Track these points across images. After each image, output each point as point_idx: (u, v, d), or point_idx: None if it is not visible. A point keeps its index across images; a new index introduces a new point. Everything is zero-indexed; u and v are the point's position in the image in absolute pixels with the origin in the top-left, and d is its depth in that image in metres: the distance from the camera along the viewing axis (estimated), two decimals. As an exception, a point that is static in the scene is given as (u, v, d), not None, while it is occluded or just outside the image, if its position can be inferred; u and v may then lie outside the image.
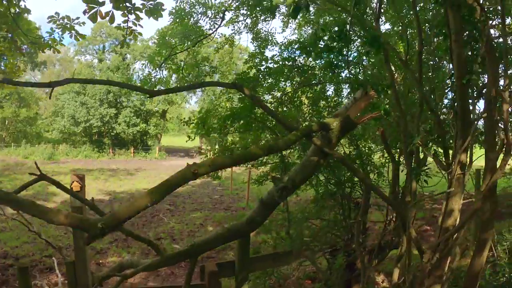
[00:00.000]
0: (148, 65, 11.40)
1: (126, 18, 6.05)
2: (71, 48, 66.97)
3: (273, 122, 6.74)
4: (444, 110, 6.25)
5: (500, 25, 4.97)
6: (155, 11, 5.79)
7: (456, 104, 4.94)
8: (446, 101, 6.37)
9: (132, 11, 5.91)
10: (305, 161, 3.47)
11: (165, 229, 15.09)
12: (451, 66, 5.86)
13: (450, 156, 5.07)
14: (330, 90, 8.81)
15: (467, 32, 4.71)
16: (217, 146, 9.25)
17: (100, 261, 11.65)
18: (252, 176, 8.80)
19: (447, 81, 6.31)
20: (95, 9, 5.61)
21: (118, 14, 5.91)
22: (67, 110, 47.79)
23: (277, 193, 3.44)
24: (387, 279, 8.34)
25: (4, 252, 12.42)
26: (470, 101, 5.06)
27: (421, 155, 6.16)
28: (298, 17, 13.78)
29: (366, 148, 8.28)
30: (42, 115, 60.26)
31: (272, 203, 3.50)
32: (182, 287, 3.47)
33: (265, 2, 9.99)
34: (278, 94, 8.19)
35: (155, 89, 3.84)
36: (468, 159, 4.80)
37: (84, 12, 5.76)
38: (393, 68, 7.98)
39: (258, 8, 10.54)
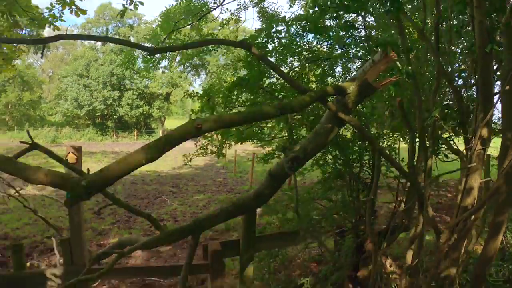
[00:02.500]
0: (152, 42, 11.11)
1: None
2: (74, 31, 66.62)
3: (282, 93, 6.42)
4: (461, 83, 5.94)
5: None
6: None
7: (476, 75, 4.65)
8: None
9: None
10: (319, 128, 3.17)
11: (168, 210, 14.88)
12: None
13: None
14: (339, 68, 8.54)
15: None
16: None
17: (101, 242, 11.45)
18: (259, 155, 8.52)
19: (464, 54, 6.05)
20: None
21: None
22: (70, 93, 47.63)
23: (287, 163, 3.15)
24: (394, 264, 8.08)
25: (4, 234, 12.24)
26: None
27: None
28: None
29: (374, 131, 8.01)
30: (46, 99, 60.17)
31: (281, 175, 3.21)
32: (184, 266, 3.19)
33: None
34: (285, 71, 7.90)
35: (156, 47, 3.57)
36: (488, 134, 4.51)
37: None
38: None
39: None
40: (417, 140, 5.08)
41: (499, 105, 4.61)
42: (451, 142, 5.06)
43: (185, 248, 10.85)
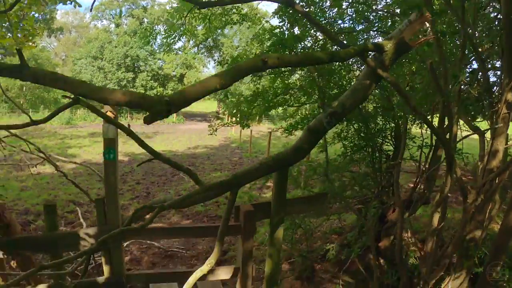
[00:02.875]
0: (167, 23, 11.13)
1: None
2: (87, 14, 66.68)
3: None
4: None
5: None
6: None
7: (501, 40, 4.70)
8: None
9: None
10: (357, 84, 3.26)
11: (186, 187, 15.06)
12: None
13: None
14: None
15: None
16: (234, 110, 9.08)
17: (122, 217, 11.62)
18: (279, 130, 8.60)
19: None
20: None
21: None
22: (84, 75, 47.70)
23: (325, 118, 3.24)
24: (414, 237, 8.17)
25: (25, 209, 12.46)
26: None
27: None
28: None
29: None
30: (59, 81, 60.21)
31: (319, 130, 3.31)
32: (222, 221, 3.31)
33: None
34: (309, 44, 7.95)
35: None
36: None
37: None
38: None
39: None
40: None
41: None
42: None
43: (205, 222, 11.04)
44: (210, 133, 8.91)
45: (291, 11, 6.37)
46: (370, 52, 3.28)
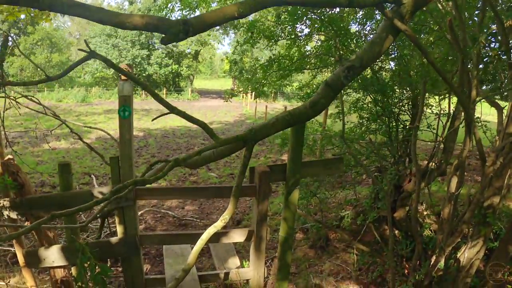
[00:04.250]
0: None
1: None
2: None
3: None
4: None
5: None
6: None
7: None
8: None
9: None
10: (375, 38, 3.17)
11: (200, 162, 15.03)
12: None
13: None
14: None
15: None
16: (249, 88, 9.02)
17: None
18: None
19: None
20: None
21: None
22: (99, 52, 47.67)
23: (343, 72, 3.17)
24: (429, 209, 8.11)
25: (41, 182, 12.61)
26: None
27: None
28: None
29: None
30: (75, 60, 60.47)
31: (337, 84, 3.23)
32: (238, 173, 3.26)
33: None
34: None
35: None
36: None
37: None
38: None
39: None
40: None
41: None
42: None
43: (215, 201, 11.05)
44: (225, 100, 8.78)
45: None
46: (388, 4, 3.19)
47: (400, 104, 7.35)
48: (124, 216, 4.63)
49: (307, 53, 7.44)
